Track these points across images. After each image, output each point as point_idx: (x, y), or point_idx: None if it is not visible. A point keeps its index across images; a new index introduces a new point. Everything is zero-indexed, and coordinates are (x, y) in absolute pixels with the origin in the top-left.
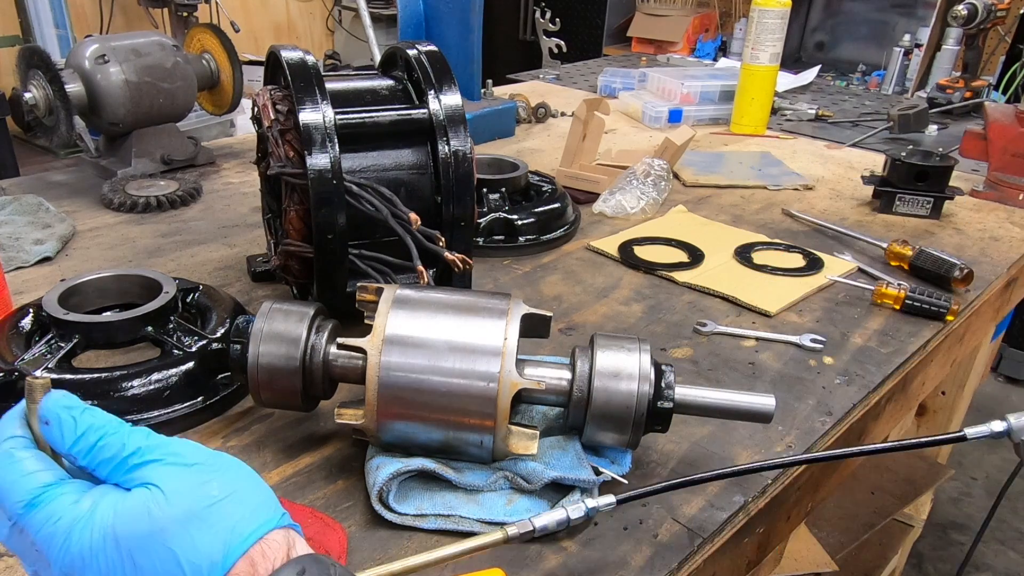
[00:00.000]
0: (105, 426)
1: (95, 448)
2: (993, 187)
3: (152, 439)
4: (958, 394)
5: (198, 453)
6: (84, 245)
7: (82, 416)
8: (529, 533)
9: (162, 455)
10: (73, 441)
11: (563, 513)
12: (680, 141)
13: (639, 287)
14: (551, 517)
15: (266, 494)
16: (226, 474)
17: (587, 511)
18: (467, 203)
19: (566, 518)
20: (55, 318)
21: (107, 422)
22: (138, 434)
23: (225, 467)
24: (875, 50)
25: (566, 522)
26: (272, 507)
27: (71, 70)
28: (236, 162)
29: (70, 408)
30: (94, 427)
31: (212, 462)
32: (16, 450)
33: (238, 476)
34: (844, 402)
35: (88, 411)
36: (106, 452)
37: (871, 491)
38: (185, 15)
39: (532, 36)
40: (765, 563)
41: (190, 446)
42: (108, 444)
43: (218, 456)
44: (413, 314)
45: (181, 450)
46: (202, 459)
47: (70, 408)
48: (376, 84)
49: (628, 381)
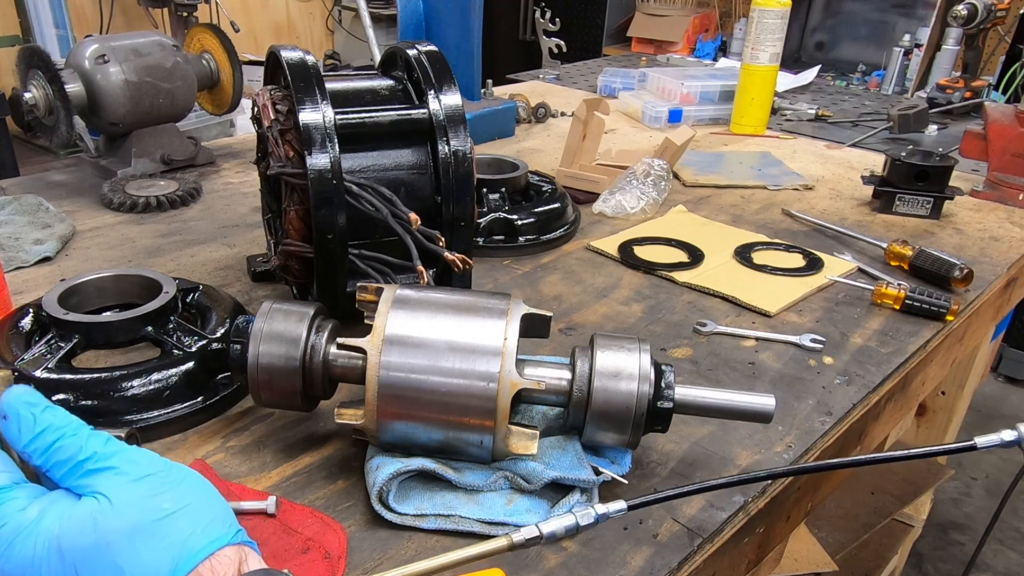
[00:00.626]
0: (64, 427)
1: (51, 448)
2: (993, 187)
3: (110, 446)
4: (958, 394)
5: (154, 464)
6: (84, 245)
7: (42, 415)
8: (536, 539)
9: (117, 463)
10: (29, 439)
11: (572, 519)
12: (680, 141)
13: (639, 287)
14: (560, 523)
15: (220, 509)
16: (180, 487)
17: (597, 517)
18: (467, 203)
19: (575, 524)
20: (55, 318)
21: (67, 423)
22: (96, 439)
23: (180, 480)
24: (875, 50)
25: (575, 528)
26: (225, 523)
27: (71, 70)
28: (236, 162)
29: (31, 405)
30: (53, 427)
31: (167, 474)
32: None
33: (193, 490)
34: (844, 402)
35: (50, 410)
36: (61, 454)
37: (871, 491)
38: (185, 15)
39: (532, 36)
40: (765, 563)
41: (148, 456)
42: (64, 446)
43: (176, 468)
44: (413, 314)
45: (138, 459)
46: (157, 470)
47: (31, 405)
48: (376, 84)
49: (628, 381)
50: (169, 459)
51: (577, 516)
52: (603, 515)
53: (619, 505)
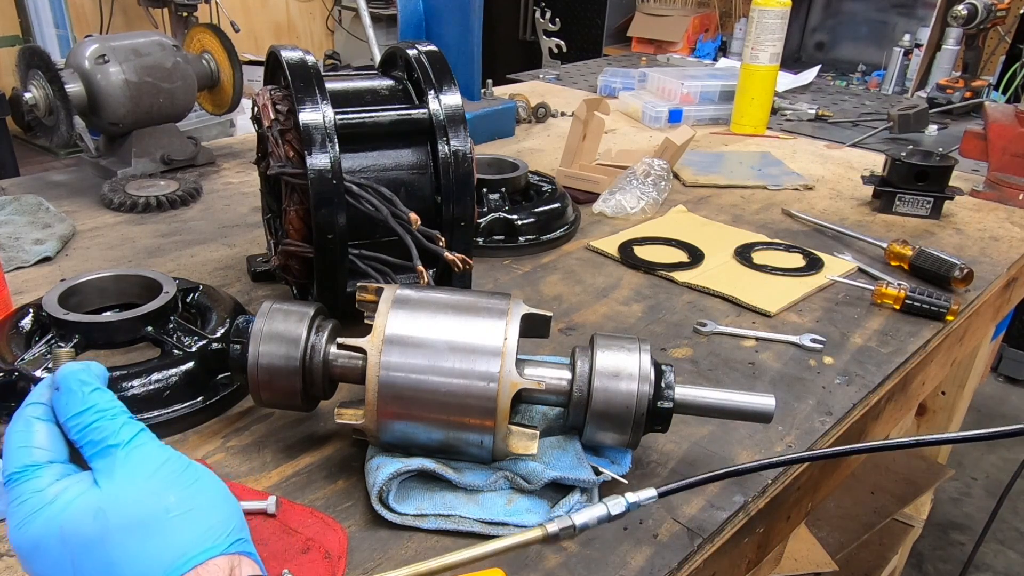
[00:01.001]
0: (107, 411)
1: (88, 428)
2: (993, 187)
3: (141, 438)
4: (958, 394)
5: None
6: (84, 245)
7: (91, 395)
8: (570, 530)
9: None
10: (72, 414)
11: (604, 509)
12: (680, 141)
13: (639, 287)
14: (592, 513)
15: (225, 516)
16: (190, 488)
17: (628, 506)
18: (467, 203)
19: (607, 514)
20: (55, 318)
21: (110, 407)
22: (129, 428)
23: (191, 481)
24: (875, 50)
25: (607, 518)
26: (224, 531)
27: (71, 70)
28: (236, 162)
29: (83, 383)
30: (96, 408)
31: (181, 474)
32: (33, 418)
33: (201, 493)
34: (844, 402)
35: (99, 391)
36: (95, 434)
37: (871, 491)
38: (185, 15)
39: (532, 36)
40: (765, 563)
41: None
42: (100, 427)
43: (191, 469)
44: (413, 314)
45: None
46: (172, 469)
47: (83, 383)
48: (376, 84)
49: (628, 381)
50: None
51: (608, 506)
52: (634, 503)
53: (649, 493)
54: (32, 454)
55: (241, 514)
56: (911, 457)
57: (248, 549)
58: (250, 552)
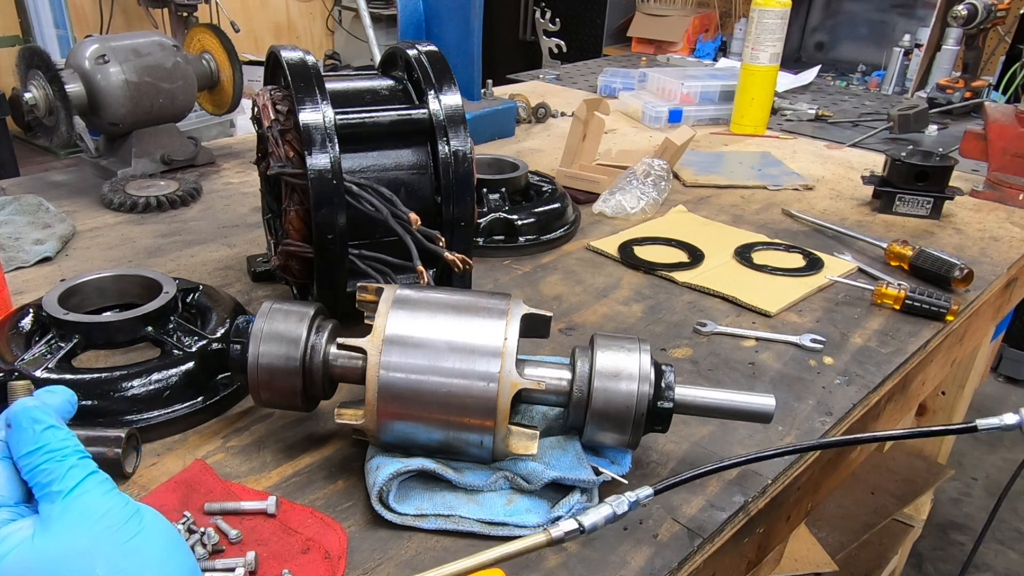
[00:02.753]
0: (57, 452)
1: (36, 469)
2: (993, 187)
3: (85, 485)
4: (958, 394)
5: (114, 515)
6: (84, 245)
7: (42, 433)
8: (575, 532)
9: (78, 509)
10: (22, 453)
11: (609, 509)
12: (680, 141)
13: (639, 287)
14: (599, 514)
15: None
16: (124, 547)
17: (630, 505)
18: (467, 203)
19: (612, 514)
20: (55, 318)
21: (61, 447)
22: (76, 472)
23: (129, 538)
24: (875, 50)
25: (612, 517)
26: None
27: (71, 70)
28: (236, 162)
29: (35, 421)
30: (46, 448)
31: (119, 529)
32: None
33: (137, 551)
34: (844, 402)
35: (51, 430)
36: (42, 477)
37: (871, 491)
38: (185, 15)
39: (532, 36)
40: (765, 563)
41: (112, 506)
42: (48, 469)
43: (132, 522)
44: (413, 314)
45: (97, 508)
46: (111, 523)
47: (35, 421)
48: (376, 84)
49: (628, 381)
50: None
51: (613, 506)
52: (635, 502)
53: (646, 491)
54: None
55: (190, 566)
56: (911, 457)
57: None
58: None
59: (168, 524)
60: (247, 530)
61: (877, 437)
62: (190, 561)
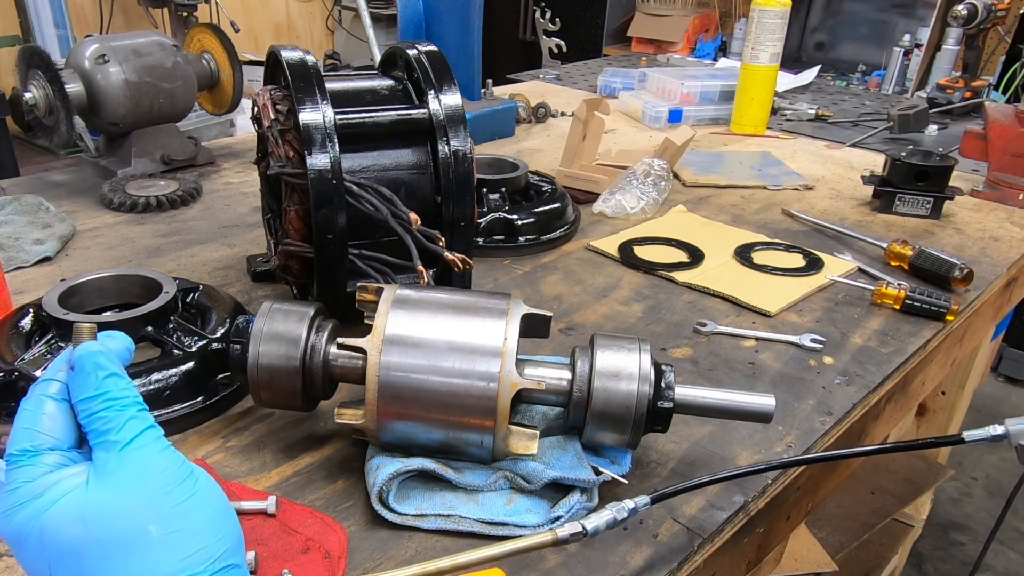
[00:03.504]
0: (117, 400)
1: (94, 415)
2: (993, 187)
3: (143, 439)
4: (958, 394)
5: (171, 473)
6: (84, 245)
7: (104, 380)
8: (579, 535)
9: (135, 462)
10: (82, 398)
11: (610, 514)
12: (680, 141)
13: (639, 287)
14: (600, 518)
15: (214, 539)
16: (181, 507)
17: (630, 511)
18: (467, 203)
19: (614, 519)
20: (55, 318)
21: (122, 397)
22: (134, 425)
23: (185, 497)
24: (875, 50)
25: (614, 522)
26: (211, 557)
27: (71, 70)
28: (236, 162)
29: (99, 367)
30: (107, 396)
31: (176, 487)
32: (46, 396)
33: (193, 512)
34: (844, 402)
35: (113, 378)
36: (100, 424)
37: (871, 491)
38: (185, 15)
39: (532, 36)
40: (765, 563)
41: (169, 464)
42: (106, 418)
43: (188, 482)
44: (413, 314)
45: (153, 465)
46: (168, 481)
47: (99, 367)
48: (376, 84)
49: (628, 381)
50: (193, 467)
51: (614, 511)
52: (633, 508)
53: (643, 500)
54: (34, 437)
55: (237, 533)
56: (911, 457)
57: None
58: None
59: (219, 489)
60: (247, 530)
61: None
62: (237, 530)
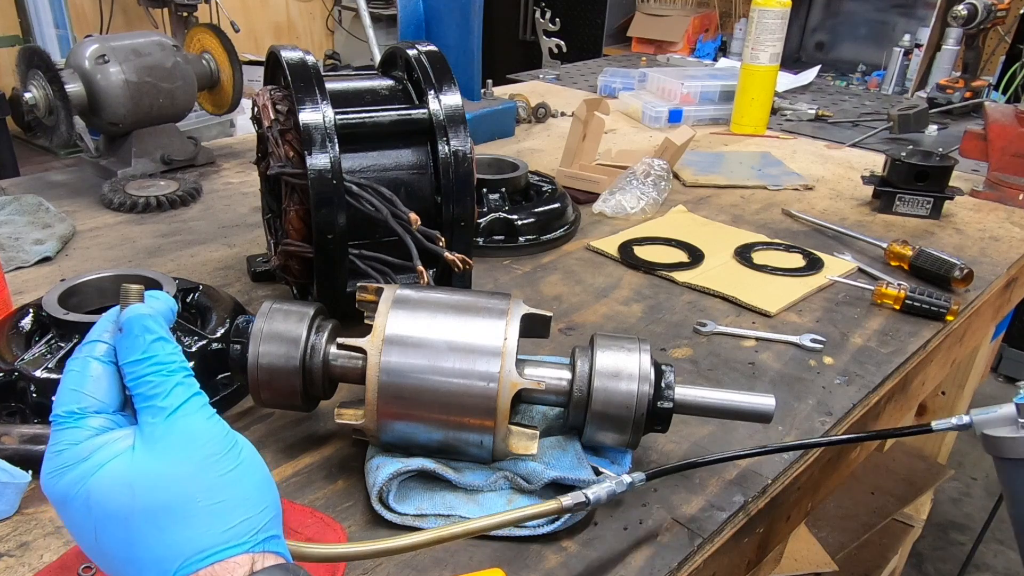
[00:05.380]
0: (165, 365)
1: (141, 379)
2: (993, 187)
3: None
4: (958, 394)
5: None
6: (84, 245)
7: (152, 344)
8: (583, 505)
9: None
10: (129, 361)
11: (610, 486)
12: (680, 141)
13: (639, 287)
14: (602, 489)
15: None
16: (226, 477)
17: (628, 485)
18: (467, 203)
19: (614, 490)
20: (55, 318)
21: (168, 363)
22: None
23: (231, 468)
24: (875, 50)
25: (614, 493)
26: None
27: (71, 70)
28: (236, 162)
29: (147, 330)
30: (154, 360)
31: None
32: (93, 357)
33: (238, 482)
34: (844, 402)
35: (161, 343)
36: (147, 388)
37: (871, 491)
38: (185, 15)
39: (532, 36)
40: (765, 563)
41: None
42: (153, 382)
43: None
44: (413, 314)
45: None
46: (214, 451)
47: (147, 330)
48: (376, 84)
49: (628, 381)
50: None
51: (614, 483)
52: (630, 483)
53: (639, 476)
54: (80, 399)
55: (277, 505)
56: (911, 457)
57: (278, 548)
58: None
59: (261, 460)
60: None
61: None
62: (278, 501)
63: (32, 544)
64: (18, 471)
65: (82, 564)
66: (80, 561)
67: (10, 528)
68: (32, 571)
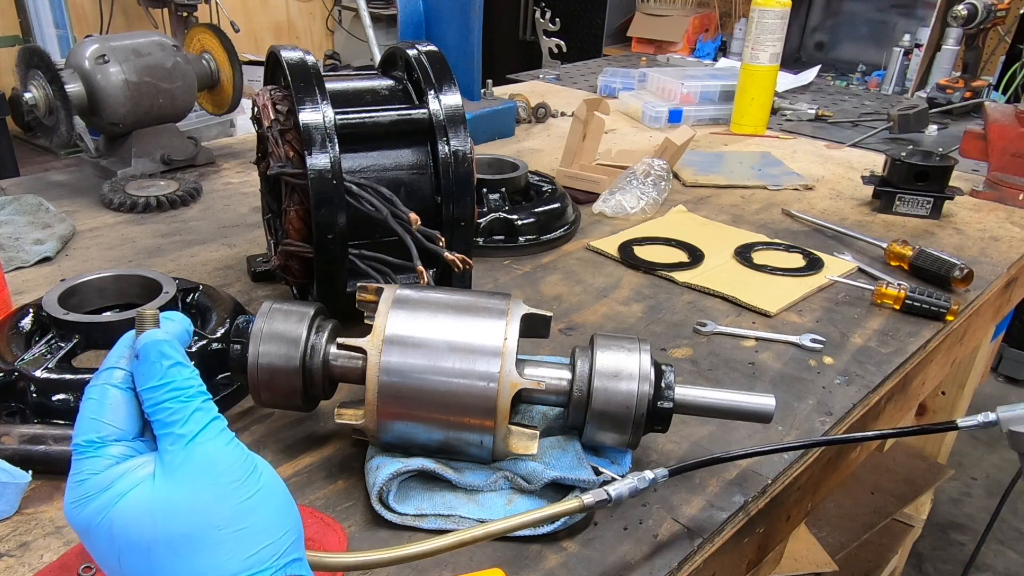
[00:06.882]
0: (182, 392)
1: (159, 405)
2: (993, 187)
3: (209, 432)
4: (958, 394)
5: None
6: (84, 245)
7: (169, 371)
8: (605, 502)
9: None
10: (146, 388)
11: (632, 482)
12: (680, 141)
13: (639, 287)
14: (624, 485)
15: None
16: (247, 503)
17: (650, 481)
18: (467, 203)
19: (635, 487)
20: (55, 318)
21: (185, 389)
22: (199, 418)
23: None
24: (875, 50)
25: (636, 491)
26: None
27: (71, 70)
28: (236, 162)
29: (163, 355)
30: (172, 386)
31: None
32: (110, 385)
33: (259, 508)
34: (844, 402)
35: (178, 368)
36: (164, 415)
37: (871, 491)
38: (185, 15)
39: (532, 36)
40: (765, 563)
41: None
42: (171, 409)
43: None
44: (413, 314)
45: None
46: (235, 477)
47: (163, 355)
48: (376, 84)
49: (628, 381)
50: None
51: (635, 479)
52: (653, 479)
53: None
54: (99, 428)
55: (299, 526)
56: (911, 457)
57: (301, 570)
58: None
59: (281, 482)
60: None
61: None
62: (299, 522)
63: (32, 544)
64: (18, 471)
65: (82, 564)
66: (80, 561)
67: (10, 528)
68: (32, 571)
